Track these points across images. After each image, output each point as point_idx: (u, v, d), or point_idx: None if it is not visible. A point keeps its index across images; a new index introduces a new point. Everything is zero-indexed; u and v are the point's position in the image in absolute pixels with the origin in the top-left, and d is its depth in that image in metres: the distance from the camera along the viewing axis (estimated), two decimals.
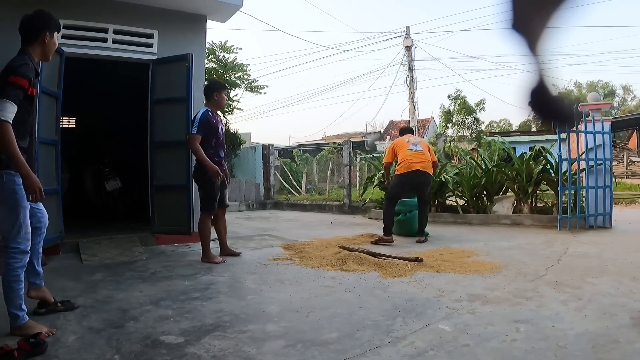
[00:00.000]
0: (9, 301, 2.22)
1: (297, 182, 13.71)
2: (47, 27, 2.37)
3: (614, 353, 1.94)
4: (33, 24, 2.35)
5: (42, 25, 2.36)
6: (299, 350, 2.04)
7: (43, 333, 2.13)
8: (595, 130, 6.06)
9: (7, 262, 2.23)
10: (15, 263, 2.24)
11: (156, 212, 4.95)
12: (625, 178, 16.90)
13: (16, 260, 2.24)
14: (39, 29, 2.35)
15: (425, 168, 5.24)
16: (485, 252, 4.41)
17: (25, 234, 2.28)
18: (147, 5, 4.97)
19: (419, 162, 5.20)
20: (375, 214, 8.15)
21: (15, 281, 2.23)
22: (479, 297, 2.82)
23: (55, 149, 4.38)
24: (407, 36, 16.46)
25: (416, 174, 5.18)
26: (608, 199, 6.09)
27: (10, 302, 2.21)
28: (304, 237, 5.70)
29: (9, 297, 2.22)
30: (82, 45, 4.67)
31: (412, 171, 5.17)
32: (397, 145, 5.49)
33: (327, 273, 3.63)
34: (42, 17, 2.36)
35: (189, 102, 4.71)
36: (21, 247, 2.26)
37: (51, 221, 4.19)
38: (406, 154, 5.26)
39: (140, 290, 3.15)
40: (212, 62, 11.49)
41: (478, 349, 2.02)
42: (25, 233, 2.29)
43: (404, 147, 5.37)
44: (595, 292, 2.88)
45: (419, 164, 5.20)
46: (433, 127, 25.31)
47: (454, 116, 18.04)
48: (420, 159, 5.23)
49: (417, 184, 5.29)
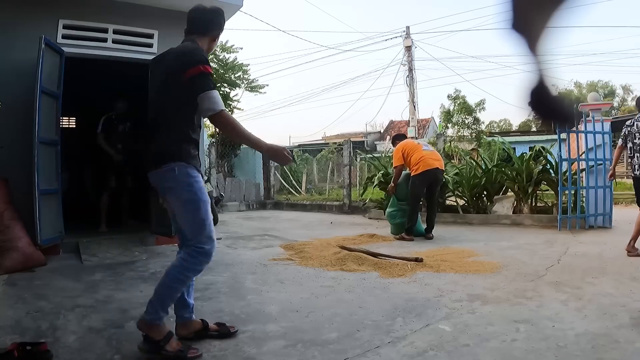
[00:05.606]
0: (159, 298, 1.97)
1: (297, 182, 13.70)
2: (220, 27, 2.26)
3: (614, 353, 1.93)
4: (211, 18, 2.20)
5: (219, 23, 2.24)
6: (299, 350, 2.04)
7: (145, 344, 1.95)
8: (595, 130, 6.06)
9: (182, 257, 2.00)
10: (192, 263, 1.98)
11: (152, 212, 4.93)
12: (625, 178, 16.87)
13: (194, 260, 1.99)
14: (215, 25, 2.22)
15: (442, 166, 5.62)
16: (485, 252, 4.41)
17: (209, 232, 2.01)
18: (147, 5, 4.97)
19: (437, 161, 5.49)
20: (375, 214, 8.15)
21: (181, 282, 2.00)
22: (479, 297, 2.82)
23: (55, 149, 4.38)
24: (407, 36, 16.46)
25: (436, 171, 5.44)
26: (608, 199, 6.09)
27: (160, 300, 1.97)
28: (304, 237, 5.70)
29: (163, 295, 1.98)
30: (82, 45, 4.67)
31: (432, 169, 5.37)
32: (407, 147, 5.57)
33: (327, 273, 3.63)
34: (220, 16, 2.24)
35: None
36: (205, 247, 1.99)
37: (51, 221, 4.22)
38: (423, 153, 5.45)
39: (140, 290, 3.15)
40: (212, 62, 11.47)
41: (478, 349, 2.02)
42: (209, 232, 2.02)
43: (418, 147, 5.56)
44: (595, 292, 2.88)
45: (437, 162, 5.48)
46: (433, 127, 25.31)
47: (454, 116, 18.05)
48: (437, 158, 5.55)
49: (435, 181, 5.54)
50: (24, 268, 3.67)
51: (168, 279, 1.99)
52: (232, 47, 11.67)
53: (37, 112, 3.93)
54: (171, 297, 2.02)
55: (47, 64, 4.09)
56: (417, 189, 5.45)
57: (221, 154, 12.32)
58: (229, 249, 4.96)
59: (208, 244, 2.01)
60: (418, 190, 5.45)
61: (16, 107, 4.18)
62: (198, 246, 1.99)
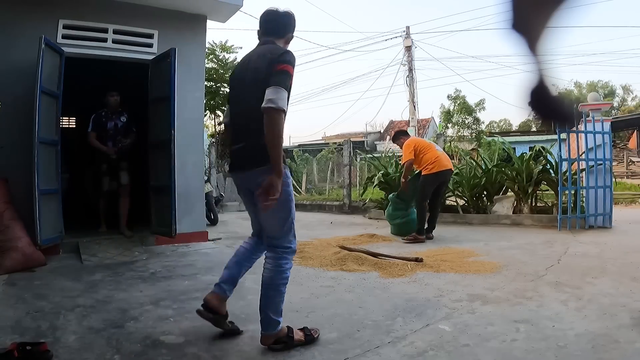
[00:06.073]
0: (273, 307, 2.08)
1: (297, 182, 13.71)
2: (293, 29, 2.32)
3: (614, 353, 1.93)
4: (286, 22, 2.27)
5: (293, 25, 2.31)
6: (299, 350, 2.05)
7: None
8: (595, 130, 6.06)
9: (277, 263, 2.10)
10: (286, 264, 2.12)
11: (152, 212, 4.93)
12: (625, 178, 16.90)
13: (287, 261, 2.13)
14: (291, 28, 2.29)
15: (452, 168, 5.65)
16: (485, 252, 4.41)
17: (294, 231, 2.15)
18: (147, 5, 4.97)
19: (449, 162, 5.50)
20: (375, 214, 8.15)
21: (284, 284, 2.12)
22: (479, 297, 2.82)
23: (55, 149, 4.38)
24: (407, 36, 16.46)
25: (448, 172, 5.47)
26: (608, 199, 6.09)
27: (274, 308, 2.08)
28: (304, 237, 5.69)
29: (274, 302, 2.08)
30: (82, 45, 4.67)
31: (446, 170, 5.37)
32: (420, 145, 5.48)
33: (327, 273, 3.63)
34: (294, 19, 2.31)
35: (172, 98, 4.56)
36: (292, 246, 2.14)
37: (51, 221, 4.22)
38: (437, 153, 5.40)
39: (140, 290, 3.15)
40: (212, 62, 11.46)
41: (478, 349, 2.02)
42: (294, 230, 2.16)
43: (431, 146, 5.51)
44: (595, 292, 2.88)
45: (450, 163, 5.49)
46: (433, 127, 25.32)
47: (454, 116, 18.08)
48: (449, 159, 5.55)
49: (444, 182, 5.57)
50: (24, 268, 3.67)
51: (273, 288, 2.10)
52: (232, 47, 11.66)
53: (37, 112, 3.93)
54: (282, 300, 2.13)
55: (47, 64, 4.09)
56: (428, 189, 5.38)
57: (221, 154, 12.32)
58: (229, 249, 4.95)
59: (294, 243, 2.16)
60: (428, 190, 5.38)
61: (16, 107, 4.18)
62: (286, 245, 2.12)
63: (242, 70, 2.17)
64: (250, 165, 2.07)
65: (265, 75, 1.99)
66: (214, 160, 11.06)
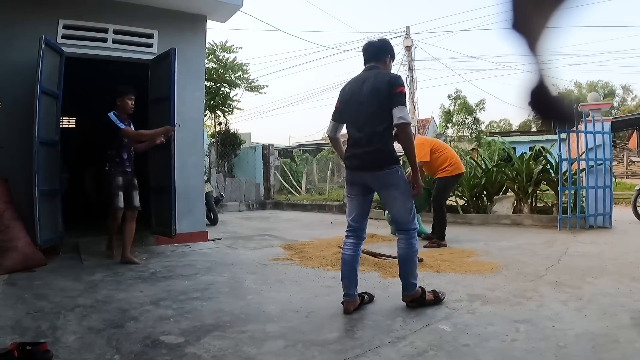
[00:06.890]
0: (412, 273, 2.62)
1: (297, 182, 13.71)
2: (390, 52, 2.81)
3: (614, 353, 1.93)
4: (381, 46, 2.76)
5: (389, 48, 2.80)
6: (299, 350, 2.04)
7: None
8: (595, 130, 6.06)
9: (409, 242, 2.61)
10: (415, 240, 2.64)
11: (152, 212, 4.93)
12: (625, 178, 16.89)
13: (416, 239, 2.65)
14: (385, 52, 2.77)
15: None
16: (485, 252, 4.40)
17: (414, 216, 2.66)
18: (147, 5, 4.97)
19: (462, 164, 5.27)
20: (375, 214, 8.15)
21: (416, 254, 2.65)
22: (479, 297, 2.82)
23: (55, 149, 4.38)
24: (407, 36, 16.45)
25: (462, 175, 5.31)
26: (608, 199, 6.09)
27: (412, 274, 2.62)
28: (304, 237, 5.70)
29: (411, 269, 2.62)
30: (82, 45, 4.67)
31: (461, 172, 5.20)
32: (436, 144, 5.18)
33: (327, 273, 3.63)
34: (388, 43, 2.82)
35: (172, 98, 4.56)
36: (416, 227, 2.66)
37: (51, 221, 4.22)
38: (454, 155, 5.18)
39: (140, 290, 3.15)
40: (212, 62, 11.47)
41: (478, 349, 2.02)
42: (415, 215, 2.67)
43: (447, 147, 5.31)
44: (595, 292, 2.87)
45: (463, 165, 5.27)
46: (433, 127, 25.29)
47: (454, 116, 18.06)
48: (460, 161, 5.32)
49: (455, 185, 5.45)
50: (24, 268, 3.67)
51: (409, 260, 2.63)
52: (231, 47, 11.67)
53: (37, 112, 3.93)
54: (416, 266, 2.67)
55: (47, 64, 4.09)
56: (447, 192, 5.21)
57: (221, 154, 12.33)
58: (229, 249, 4.96)
59: (416, 224, 2.67)
60: (447, 193, 5.18)
61: (16, 107, 4.19)
62: (413, 227, 2.63)
63: (358, 91, 2.63)
64: (379, 166, 2.56)
65: (387, 94, 2.52)
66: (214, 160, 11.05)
